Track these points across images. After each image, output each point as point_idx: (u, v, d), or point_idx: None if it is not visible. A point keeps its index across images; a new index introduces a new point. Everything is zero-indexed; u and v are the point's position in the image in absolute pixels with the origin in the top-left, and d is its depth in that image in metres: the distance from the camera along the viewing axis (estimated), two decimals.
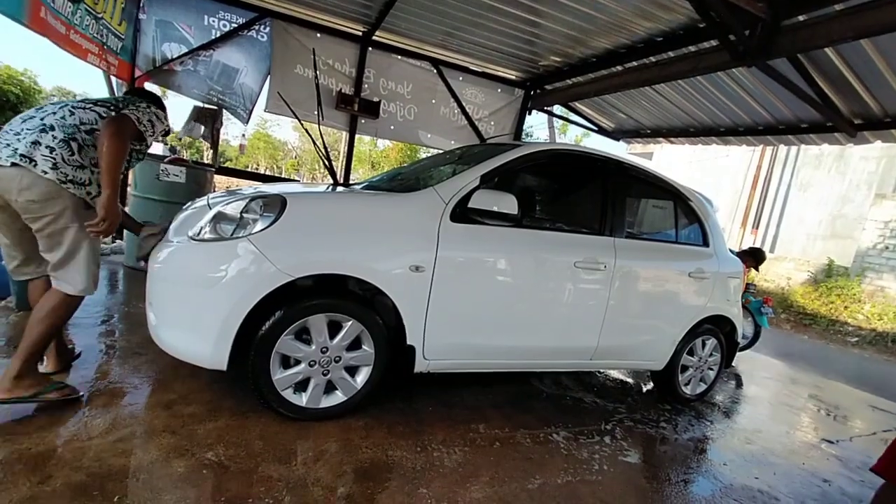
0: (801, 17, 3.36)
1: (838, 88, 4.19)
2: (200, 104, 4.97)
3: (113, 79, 4.58)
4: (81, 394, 2.03)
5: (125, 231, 4.34)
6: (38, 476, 1.54)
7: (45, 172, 1.78)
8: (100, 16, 3.90)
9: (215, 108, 4.97)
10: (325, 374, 2.13)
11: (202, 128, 4.91)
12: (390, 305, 2.17)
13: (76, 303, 2.00)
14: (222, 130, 5.19)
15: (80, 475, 1.57)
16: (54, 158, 1.81)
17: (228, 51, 5.00)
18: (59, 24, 3.33)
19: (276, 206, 1.99)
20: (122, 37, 4.43)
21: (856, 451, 3.15)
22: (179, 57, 4.79)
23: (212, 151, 5.04)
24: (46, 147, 1.81)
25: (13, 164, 1.76)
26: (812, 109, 4.37)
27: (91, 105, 2.03)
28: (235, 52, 5.03)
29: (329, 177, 3.08)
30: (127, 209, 4.71)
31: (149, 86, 5.08)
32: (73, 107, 1.98)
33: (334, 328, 2.11)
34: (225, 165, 21.98)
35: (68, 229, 1.89)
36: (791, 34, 3.37)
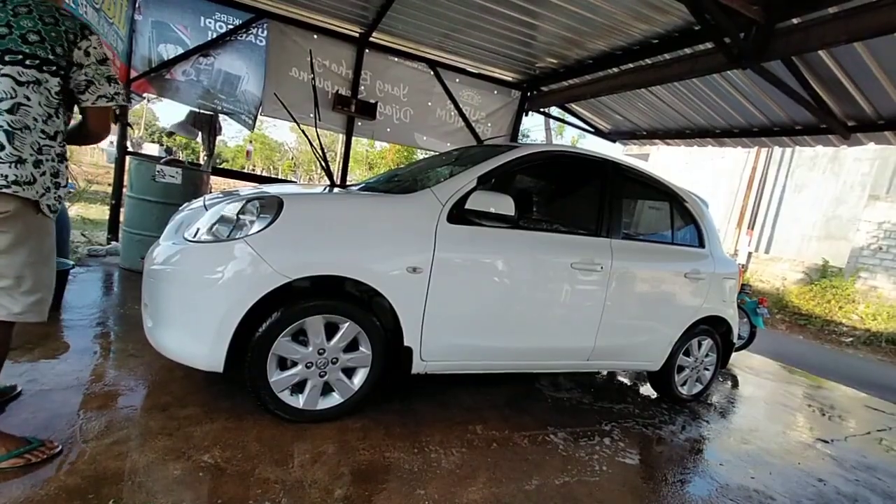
0: (794, 20, 3.39)
1: (832, 90, 4.22)
2: (197, 109, 4.95)
3: None
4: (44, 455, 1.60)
5: (120, 232, 4.33)
6: (32, 479, 1.53)
7: None
8: (111, 21, 3.90)
9: (211, 113, 4.94)
10: (322, 376, 2.12)
11: (198, 132, 4.87)
12: (387, 307, 2.17)
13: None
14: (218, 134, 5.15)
15: (74, 478, 1.56)
16: None
17: (229, 58, 4.99)
18: None
19: (272, 207, 1.99)
20: (123, 39, 4.42)
21: (851, 451, 3.17)
22: (176, 60, 4.77)
23: (207, 156, 4.99)
24: None
25: None
26: (806, 111, 4.41)
27: None
28: (236, 59, 5.02)
29: (326, 178, 3.07)
30: (122, 210, 4.69)
31: (148, 95, 5.06)
32: None
33: (331, 330, 2.10)
34: (221, 166, 21.95)
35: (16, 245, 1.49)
36: (785, 37, 3.39)
